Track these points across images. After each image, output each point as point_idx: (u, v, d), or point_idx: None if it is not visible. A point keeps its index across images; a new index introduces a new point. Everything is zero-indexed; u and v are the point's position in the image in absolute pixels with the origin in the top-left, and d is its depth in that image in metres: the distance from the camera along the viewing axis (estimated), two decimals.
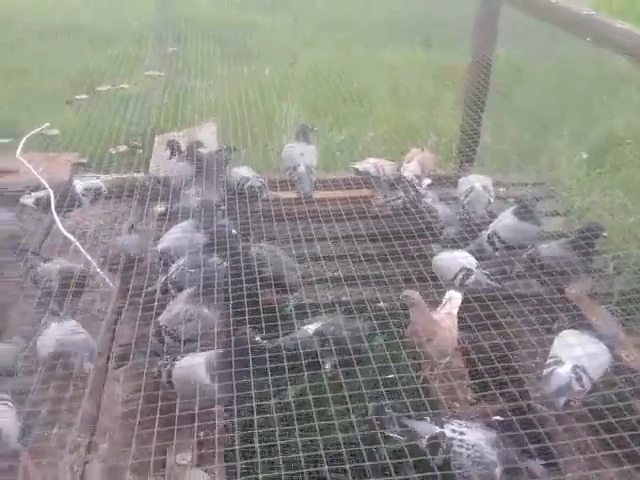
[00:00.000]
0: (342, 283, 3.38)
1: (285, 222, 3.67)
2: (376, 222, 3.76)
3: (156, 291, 3.02)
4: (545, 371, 2.59)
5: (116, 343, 3.00)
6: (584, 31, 3.90)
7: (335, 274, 3.53)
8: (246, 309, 2.71)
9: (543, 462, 2.21)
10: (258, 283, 2.92)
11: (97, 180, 3.95)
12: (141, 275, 3.15)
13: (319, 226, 3.71)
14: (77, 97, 6.19)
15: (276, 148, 5.06)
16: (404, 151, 4.47)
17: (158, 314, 2.87)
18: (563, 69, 6.44)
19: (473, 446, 2.24)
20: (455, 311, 2.90)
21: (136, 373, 2.67)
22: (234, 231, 3.37)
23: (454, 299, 2.94)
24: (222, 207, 3.61)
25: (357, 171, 4.28)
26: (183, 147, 4.32)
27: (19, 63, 7.38)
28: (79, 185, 3.86)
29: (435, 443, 2.26)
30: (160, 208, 3.83)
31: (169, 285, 3.06)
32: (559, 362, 2.58)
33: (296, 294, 3.32)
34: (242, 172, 4.13)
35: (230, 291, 2.84)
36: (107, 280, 3.34)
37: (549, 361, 2.62)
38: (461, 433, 2.28)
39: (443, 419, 2.36)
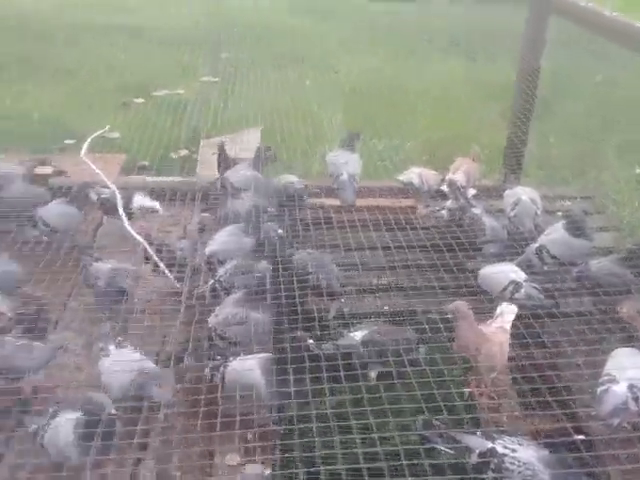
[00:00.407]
0: (384, 293, 3.38)
1: (323, 230, 3.70)
2: (415, 233, 3.72)
3: (205, 294, 3.05)
4: (599, 390, 2.52)
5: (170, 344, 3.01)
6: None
7: (376, 282, 3.52)
8: (299, 316, 2.72)
9: None
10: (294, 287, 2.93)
11: (155, 203, 3.92)
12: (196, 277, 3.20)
13: (357, 235, 3.70)
14: (134, 100, 6.34)
15: (318, 155, 5.08)
16: (447, 160, 4.44)
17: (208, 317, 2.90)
18: (614, 81, 6.33)
19: (525, 464, 2.18)
20: (508, 326, 2.85)
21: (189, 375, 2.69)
22: (280, 231, 3.41)
23: (507, 313, 2.89)
24: (269, 210, 3.64)
25: (402, 183, 4.25)
26: (232, 152, 4.35)
27: (75, 64, 7.59)
28: (136, 201, 3.86)
29: (486, 459, 2.23)
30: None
31: (218, 288, 3.08)
32: (613, 380, 2.51)
33: (340, 301, 3.31)
34: (287, 176, 4.16)
35: (280, 296, 2.86)
36: (174, 281, 3.35)
37: (603, 379, 2.55)
38: (513, 450, 2.23)
39: (494, 435, 2.32)
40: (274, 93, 5.60)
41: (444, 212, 3.97)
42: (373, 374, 2.81)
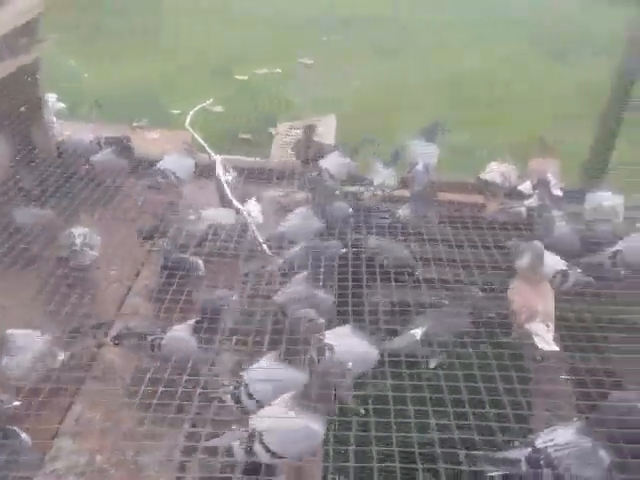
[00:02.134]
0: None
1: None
2: (480, 231, 3.71)
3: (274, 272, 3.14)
4: None
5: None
6: None
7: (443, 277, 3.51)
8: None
9: None
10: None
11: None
12: None
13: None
14: (237, 77, 6.54)
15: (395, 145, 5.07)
16: (528, 159, 4.33)
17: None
18: None
19: (567, 443, 2.19)
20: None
21: None
22: (350, 210, 3.51)
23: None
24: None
25: (485, 182, 4.16)
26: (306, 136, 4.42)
27: (177, 43, 7.90)
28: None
29: (534, 461, 2.21)
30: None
31: (286, 267, 3.16)
32: None
33: (416, 274, 3.34)
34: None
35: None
36: (267, 249, 3.41)
37: None
38: (551, 440, 2.23)
39: (530, 437, 2.31)
40: (366, 82, 5.62)
41: (522, 209, 3.90)
42: (433, 364, 2.83)
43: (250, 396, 2.45)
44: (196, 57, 7.43)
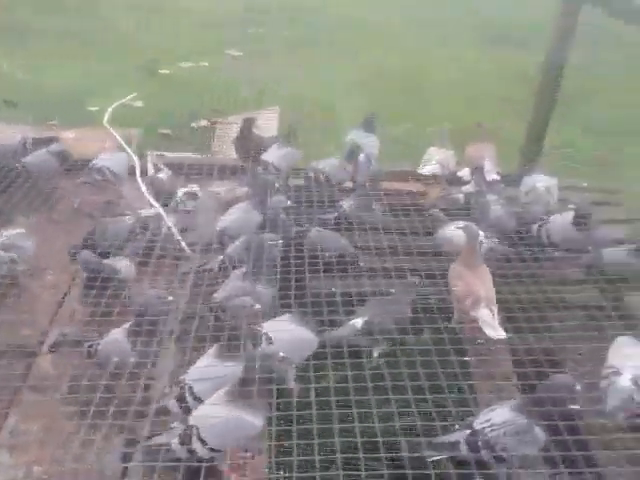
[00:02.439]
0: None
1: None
2: (422, 218, 3.75)
3: (213, 269, 3.09)
4: (603, 383, 2.50)
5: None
6: None
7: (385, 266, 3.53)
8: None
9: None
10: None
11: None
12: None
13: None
14: (160, 71, 6.37)
15: (335, 137, 5.07)
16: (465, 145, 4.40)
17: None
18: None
19: (503, 422, 2.25)
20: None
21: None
22: (289, 202, 3.50)
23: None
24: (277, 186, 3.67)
25: (425, 175, 4.19)
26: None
27: (98, 37, 7.68)
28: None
29: (473, 443, 2.26)
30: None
31: (227, 263, 3.12)
32: (617, 373, 2.49)
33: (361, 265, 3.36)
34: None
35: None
36: (186, 248, 3.40)
37: (606, 371, 2.54)
38: (487, 420, 2.29)
39: (469, 419, 2.36)
40: (296, 73, 5.59)
41: (460, 195, 3.97)
42: (376, 354, 2.84)
43: (194, 396, 2.42)
44: (123, 53, 7.24)
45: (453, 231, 3.34)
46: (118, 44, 7.48)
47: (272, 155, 4.07)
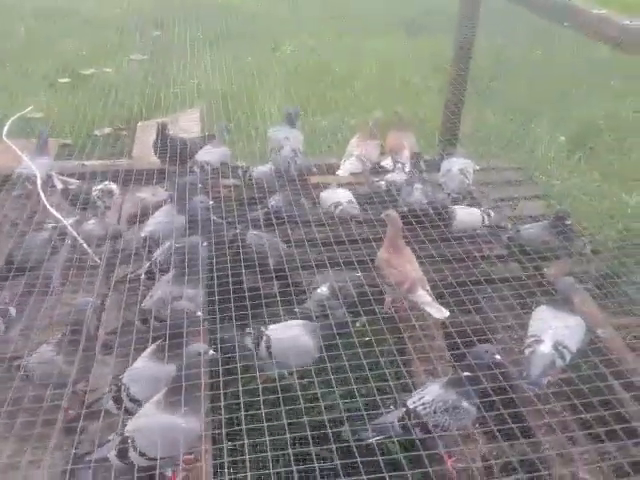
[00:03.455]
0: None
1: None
2: None
3: (141, 276, 3.03)
4: (526, 351, 2.61)
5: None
6: (562, 17, 3.92)
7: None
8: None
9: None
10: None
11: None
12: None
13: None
14: (60, 80, 6.13)
15: (261, 133, 5.06)
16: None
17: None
18: (545, 58, 6.50)
19: (433, 400, 2.33)
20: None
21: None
22: (211, 202, 3.44)
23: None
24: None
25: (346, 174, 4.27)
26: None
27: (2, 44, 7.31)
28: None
29: (405, 423, 2.33)
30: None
31: (154, 269, 3.06)
32: (539, 341, 2.59)
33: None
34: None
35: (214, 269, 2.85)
36: (94, 256, 3.33)
37: (529, 340, 2.64)
38: (420, 398, 2.36)
39: (404, 398, 2.42)
40: (210, 71, 5.53)
41: (382, 183, 4.09)
42: (358, 323, 2.85)
43: (130, 397, 2.39)
44: (22, 62, 6.93)
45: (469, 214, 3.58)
46: (16, 52, 7.16)
47: (207, 155, 4.06)
